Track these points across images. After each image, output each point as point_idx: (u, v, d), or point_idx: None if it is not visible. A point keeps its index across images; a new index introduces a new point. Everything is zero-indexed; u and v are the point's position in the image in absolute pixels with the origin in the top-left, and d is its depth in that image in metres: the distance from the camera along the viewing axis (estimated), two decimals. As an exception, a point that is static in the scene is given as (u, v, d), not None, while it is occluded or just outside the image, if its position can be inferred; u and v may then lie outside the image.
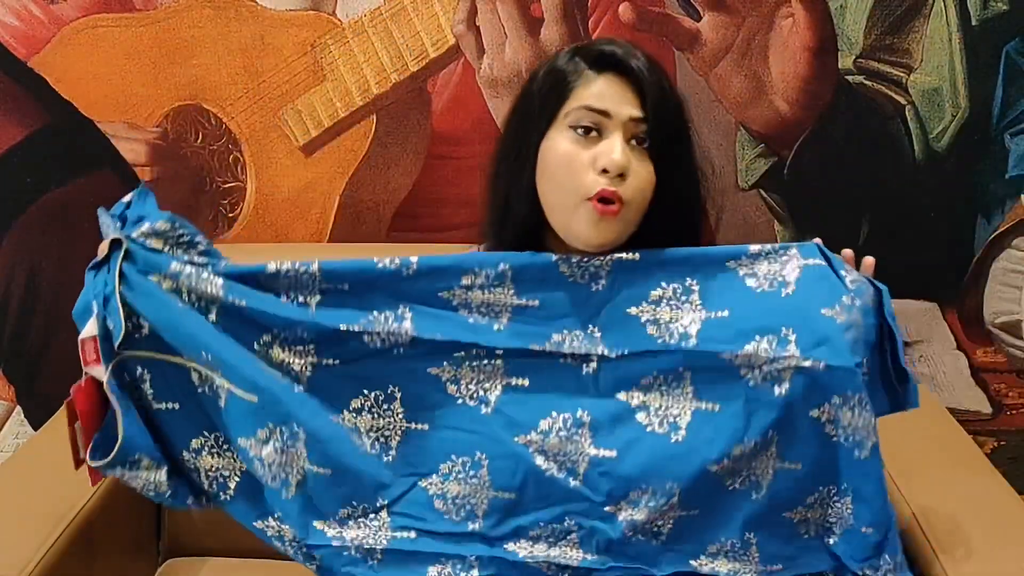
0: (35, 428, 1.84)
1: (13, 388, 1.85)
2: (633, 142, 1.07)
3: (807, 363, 1.02)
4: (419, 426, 1.08)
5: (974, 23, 1.66)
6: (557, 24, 1.66)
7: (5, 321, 1.81)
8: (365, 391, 1.08)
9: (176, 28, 1.69)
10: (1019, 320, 1.78)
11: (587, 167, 1.06)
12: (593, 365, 1.07)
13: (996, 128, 1.71)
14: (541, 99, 1.10)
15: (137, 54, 1.71)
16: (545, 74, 1.11)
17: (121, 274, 1.06)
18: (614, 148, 1.05)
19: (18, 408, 1.86)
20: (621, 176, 1.05)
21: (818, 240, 1.11)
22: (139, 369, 1.09)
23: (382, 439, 1.08)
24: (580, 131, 1.07)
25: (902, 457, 1.46)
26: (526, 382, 1.07)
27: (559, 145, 1.08)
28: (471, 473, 1.07)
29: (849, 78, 1.68)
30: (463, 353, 1.07)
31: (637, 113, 1.07)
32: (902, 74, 1.69)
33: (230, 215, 1.78)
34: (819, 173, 1.72)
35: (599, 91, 1.08)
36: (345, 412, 1.07)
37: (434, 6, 1.67)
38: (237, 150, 1.75)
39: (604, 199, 1.05)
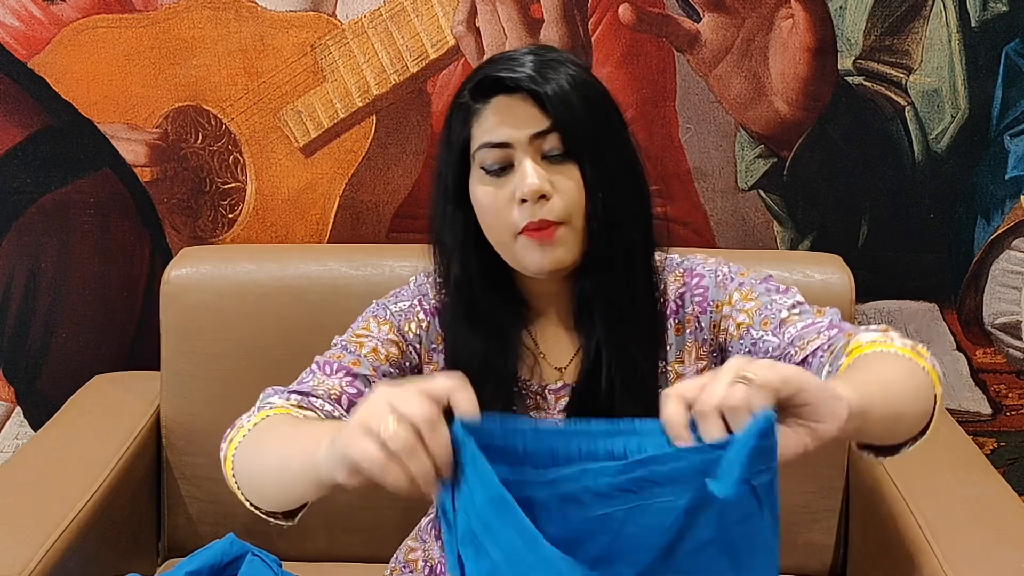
0: (35, 428, 1.84)
1: (13, 388, 1.85)
2: (550, 156, 1.03)
3: None
4: None
5: (973, 24, 1.66)
6: (557, 25, 1.66)
7: (5, 321, 1.81)
8: None
9: (176, 29, 1.69)
10: (1019, 321, 1.78)
11: (508, 203, 1.03)
12: None
13: (995, 129, 1.71)
14: (449, 146, 1.07)
15: (137, 55, 1.71)
16: (448, 117, 1.08)
17: None
18: (525, 175, 1.02)
19: (18, 408, 1.85)
20: (544, 198, 1.02)
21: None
22: None
23: None
24: (492, 171, 1.04)
25: (902, 457, 1.46)
26: None
27: (478, 191, 1.05)
28: None
29: (849, 79, 1.69)
30: None
31: (539, 127, 1.02)
32: (902, 75, 1.69)
33: (230, 216, 1.78)
34: (819, 174, 1.72)
35: (491, 122, 1.03)
36: None
37: (434, 7, 1.67)
38: (237, 151, 1.75)
39: (535, 228, 1.02)
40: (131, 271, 1.79)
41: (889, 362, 0.95)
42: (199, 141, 1.75)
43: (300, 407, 1.02)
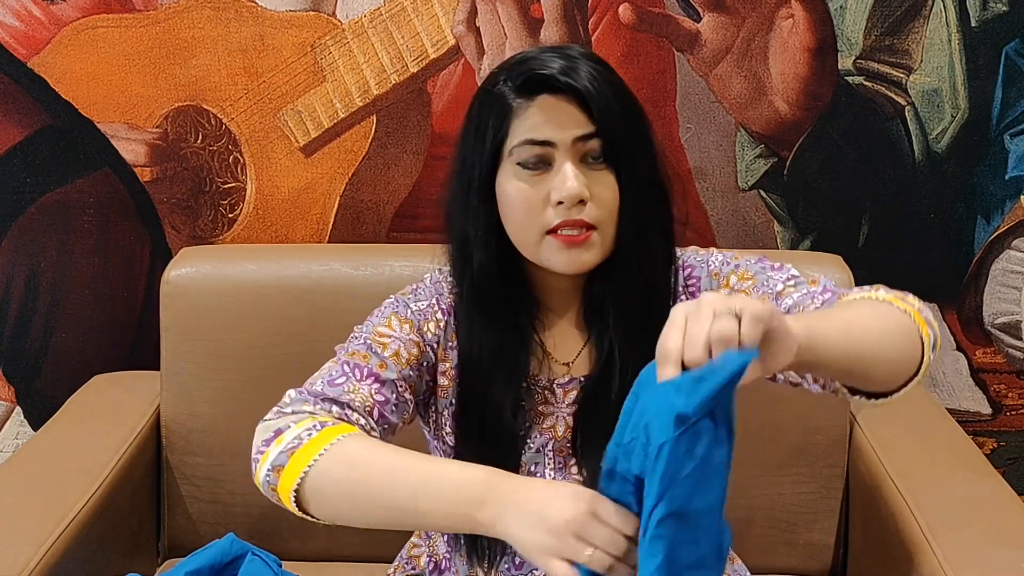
0: (35, 428, 1.84)
1: (13, 388, 1.85)
2: (589, 159, 1.04)
3: None
4: None
5: (973, 24, 1.66)
6: (557, 25, 1.66)
7: (5, 321, 1.81)
8: None
9: (176, 28, 1.69)
10: (1019, 320, 1.78)
11: (542, 203, 1.03)
12: None
13: (995, 129, 1.71)
14: (479, 137, 1.06)
15: (137, 54, 1.71)
16: (479, 107, 1.07)
17: None
18: (566, 177, 1.02)
19: (18, 408, 1.85)
20: (581, 203, 1.02)
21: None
22: None
23: None
24: (528, 167, 1.04)
25: (902, 458, 1.46)
26: None
27: (510, 186, 1.05)
28: None
29: (849, 79, 1.69)
30: None
31: (583, 130, 1.03)
32: (902, 75, 1.69)
33: (230, 216, 1.78)
34: (819, 173, 1.72)
35: (536, 120, 1.03)
36: None
37: (434, 7, 1.67)
38: (237, 151, 1.75)
39: (568, 228, 1.02)
40: (131, 271, 1.79)
41: (861, 306, 0.98)
42: (199, 141, 1.75)
43: (342, 420, 1.01)
